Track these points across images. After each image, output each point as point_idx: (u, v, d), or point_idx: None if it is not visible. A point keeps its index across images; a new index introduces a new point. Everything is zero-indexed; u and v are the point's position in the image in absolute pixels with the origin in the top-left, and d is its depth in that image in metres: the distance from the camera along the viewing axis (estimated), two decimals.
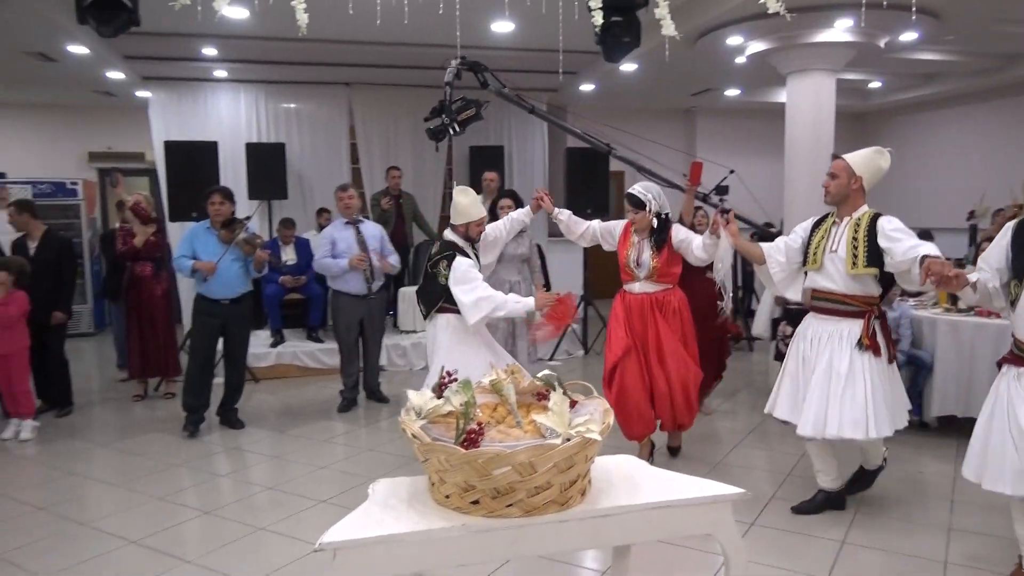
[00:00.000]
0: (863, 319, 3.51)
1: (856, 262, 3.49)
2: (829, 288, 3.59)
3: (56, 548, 3.52)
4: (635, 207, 4.21)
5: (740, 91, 9.89)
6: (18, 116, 10.28)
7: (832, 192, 3.62)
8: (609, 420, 1.95)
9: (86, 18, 4.22)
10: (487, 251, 4.40)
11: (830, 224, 3.67)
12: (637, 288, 4.27)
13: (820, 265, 3.61)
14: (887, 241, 3.40)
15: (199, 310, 5.28)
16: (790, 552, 3.37)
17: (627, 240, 4.31)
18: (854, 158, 3.61)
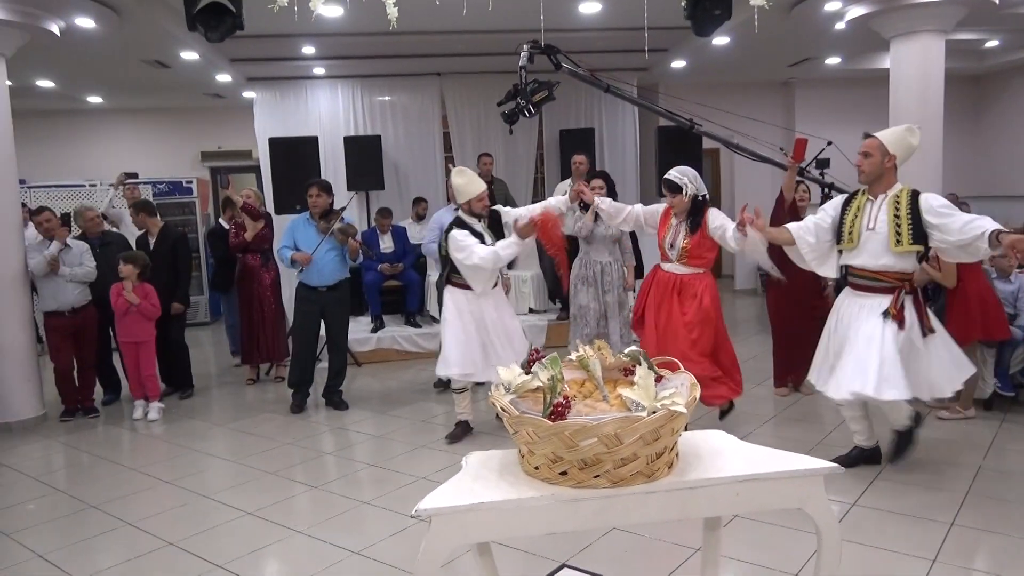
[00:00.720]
0: (893, 295, 3.60)
1: (900, 239, 3.54)
2: (865, 265, 3.66)
3: (182, 518, 3.83)
4: (672, 191, 4.32)
5: (840, 59, 9.44)
6: (138, 120, 11.03)
7: (866, 171, 3.67)
8: (696, 394, 1.96)
9: (195, 25, 4.51)
10: None
11: (863, 201, 3.71)
12: (667, 267, 4.44)
13: (856, 244, 3.66)
14: (937, 218, 3.46)
15: (300, 297, 5.58)
16: (894, 533, 3.26)
17: (667, 222, 4.44)
18: (887, 136, 3.66)
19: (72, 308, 5.67)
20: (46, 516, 3.96)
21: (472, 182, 4.60)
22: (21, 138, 5.82)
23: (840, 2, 6.51)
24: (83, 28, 6.09)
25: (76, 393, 5.84)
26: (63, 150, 10.76)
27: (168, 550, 3.45)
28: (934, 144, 6.30)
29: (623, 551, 3.24)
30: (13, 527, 3.80)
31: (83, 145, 10.89)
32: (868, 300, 3.67)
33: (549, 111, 9.50)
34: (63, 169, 10.54)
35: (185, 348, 6.38)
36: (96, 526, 3.76)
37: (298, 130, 8.96)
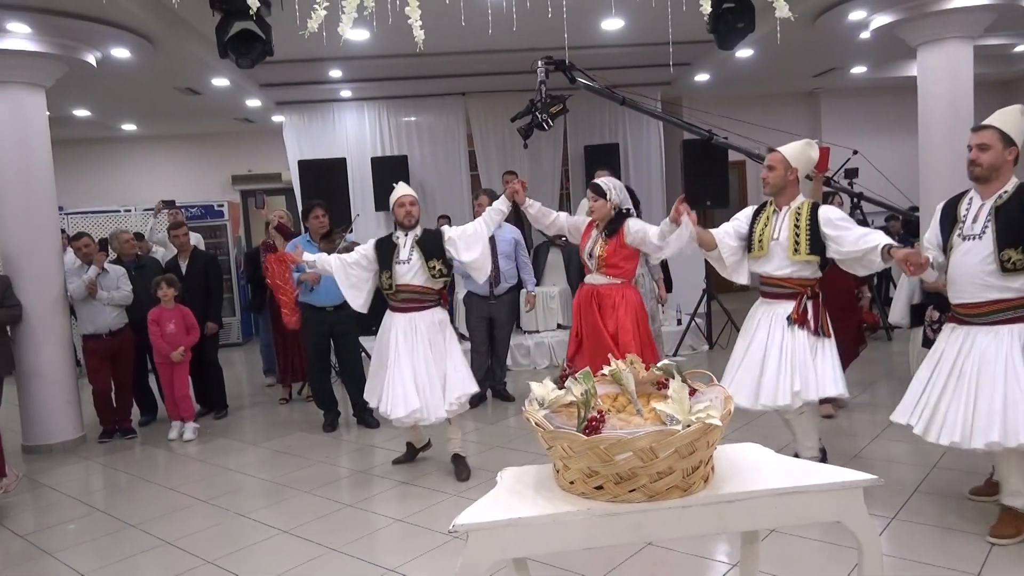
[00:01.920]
0: (796, 300, 3.74)
1: (799, 249, 3.70)
2: (771, 273, 3.81)
3: (219, 536, 3.87)
4: (597, 195, 4.30)
5: (866, 68, 9.38)
6: (171, 146, 11.28)
7: (771, 183, 3.82)
8: (730, 407, 1.95)
9: (226, 52, 4.61)
10: (469, 247, 4.36)
11: (770, 212, 3.86)
12: (587, 280, 4.40)
13: (766, 251, 3.80)
14: (833, 230, 3.62)
15: (307, 318, 5.60)
16: (936, 548, 3.20)
17: (589, 233, 4.41)
18: (788, 151, 3.82)
19: (110, 331, 5.79)
20: (86, 536, 4.03)
21: (396, 190, 4.56)
22: (59, 166, 5.98)
23: (865, 11, 6.48)
24: (118, 58, 6.26)
25: (114, 414, 5.94)
26: (99, 177, 11.03)
27: (206, 568, 3.49)
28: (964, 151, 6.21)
29: (659, 566, 3.21)
30: (55, 547, 3.87)
31: (118, 171, 11.16)
32: (777, 307, 3.81)
33: (573, 127, 9.56)
34: (99, 195, 10.79)
35: (219, 368, 6.47)
36: (135, 545, 3.81)
37: (327, 152, 9.11)
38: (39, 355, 5.62)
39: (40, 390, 5.68)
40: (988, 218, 3.14)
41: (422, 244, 4.37)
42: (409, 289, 4.31)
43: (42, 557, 3.76)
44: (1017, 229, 3.06)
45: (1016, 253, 3.04)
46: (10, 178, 5.55)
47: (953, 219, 3.28)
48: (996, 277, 3.09)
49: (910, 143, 6.62)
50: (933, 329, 5.26)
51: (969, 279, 3.17)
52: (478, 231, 4.39)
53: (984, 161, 3.16)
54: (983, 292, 3.14)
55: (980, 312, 3.17)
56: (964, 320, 3.24)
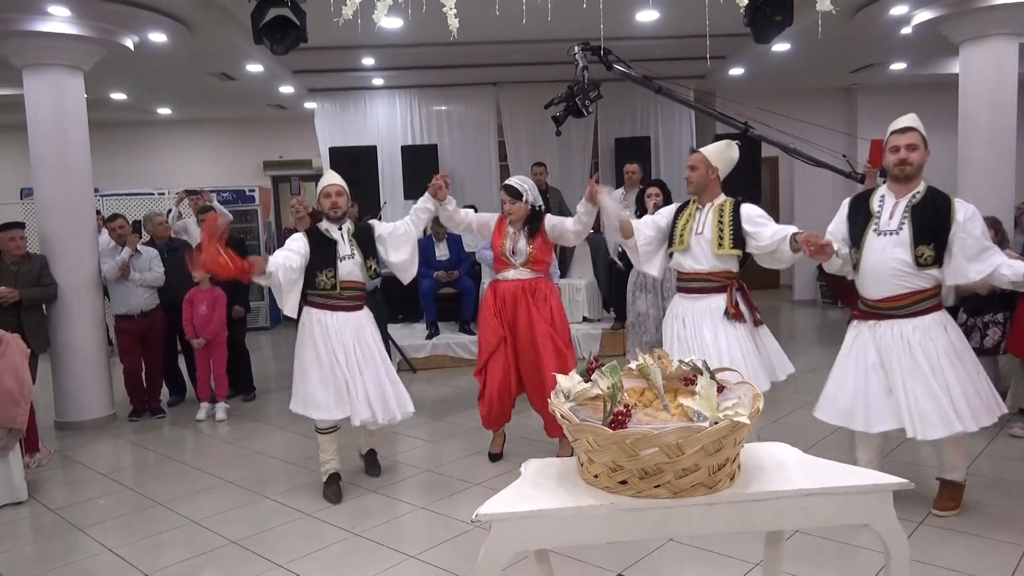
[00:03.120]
0: (726, 292, 3.90)
1: (723, 243, 3.88)
2: (695, 268, 3.96)
3: (244, 517, 3.92)
4: (513, 197, 4.36)
5: (906, 65, 9.19)
6: (204, 131, 11.41)
7: (695, 182, 4.02)
8: (759, 405, 1.93)
9: (261, 38, 4.64)
10: (398, 246, 4.22)
11: (693, 210, 4.05)
12: (511, 275, 4.41)
13: (687, 246, 3.97)
14: (753, 226, 3.84)
15: None
16: (966, 554, 3.14)
17: (502, 231, 4.43)
18: (709, 151, 4.04)
19: (141, 311, 5.88)
20: (115, 512, 4.11)
21: (323, 178, 4.39)
22: (95, 148, 6.07)
23: (907, 6, 6.35)
24: (155, 43, 6.34)
25: (144, 394, 6.05)
26: (134, 160, 11.19)
27: (231, 548, 3.54)
28: (1007, 151, 6.09)
29: (680, 563, 3.20)
30: (84, 521, 3.96)
31: (153, 155, 11.32)
32: (704, 301, 3.95)
33: (604, 119, 9.50)
34: (133, 178, 10.95)
35: (247, 352, 6.55)
36: (162, 523, 3.88)
37: (357, 140, 9.15)
38: (73, 334, 5.73)
39: (73, 368, 5.79)
40: (904, 215, 3.36)
41: (358, 239, 4.18)
42: (353, 286, 4.11)
43: (72, 531, 3.84)
44: (930, 227, 3.31)
45: (928, 249, 3.30)
46: (49, 159, 5.65)
47: (866, 215, 3.47)
48: (911, 271, 3.33)
49: (949, 143, 6.48)
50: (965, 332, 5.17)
51: (885, 273, 3.37)
52: (408, 231, 4.24)
53: (914, 160, 3.36)
54: (898, 285, 3.36)
55: (895, 304, 3.39)
56: (877, 313, 3.44)
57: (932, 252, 3.30)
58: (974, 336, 5.02)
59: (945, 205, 3.33)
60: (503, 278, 4.46)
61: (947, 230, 3.29)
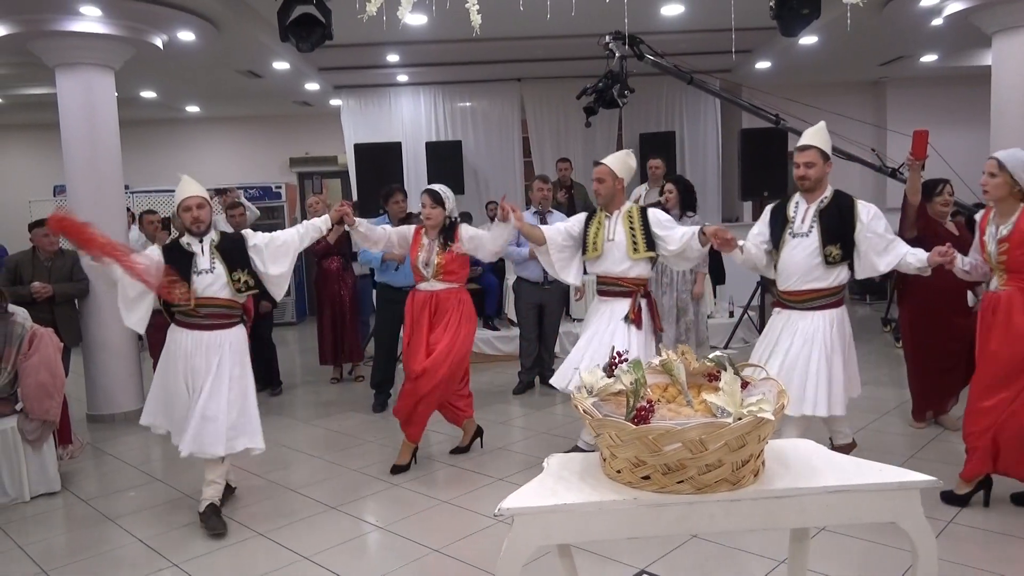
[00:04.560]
0: (631, 298, 4.14)
1: (637, 248, 4.11)
2: (608, 271, 4.19)
3: (270, 510, 3.98)
4: (434, 202, 4.31)
5: (937, 56, 9.02)
6: (231, 128, 11.53)
7: (603, 194, 4.23)
8: (784, 401, 1.92)
9: (287, 36, 4.69)
10: (276, 259, 3.87)
11: (602, 218, 4.25)
12: (423, 287, 4.37)
13: (601, 253, 4.18)
14: (662, 229, 4.11)
15: (384, 298, 5.70)
16: (995, 554, 3.10)
17: (418, 242, 4.39)
18: (613, 162, 4.25)
19: None
20: (145, 503, 4.18)
21: (180, 188, 3.81)
22: (125, 146, 6.17)
23: None
24: (184, 41, 6.42)
25: None
26: (163, 157, 11.34)
27: (257, 540, 3.59)
28: None
29: (703, 560, 3.19)
30: (116, 512, 4.04)
31: (181, 152, 11.46)
32: (612, 304, 4.18)
33: (628, 115, 9.46)
34: (162, 175, 11.08)
35: (273, 347, 6.62)
36: (191, 514, 3.94)
37: (382, 136, 9.20)
38: (104, 329, 5.84)
39: (105, 362, 5.90)
40: (813, 219, 3.73)
41: (223, 251, 3.78)
42: (213, 303, 3.73)
43: (103, 522, 3.92)
44: (837, 229, 3.67)
45: (835, 249, 3.66)
46: (80, 157, 5.76)
47: (784, 220, 3.82)
48: (820, 269, 3.69)
49: (981, 135, 6.36)
50: None
51: (798, 270, 3.72)
52: (288, 243, 3.90)
53: (812, 175, 3.73)
54: (809, 282, 3.71)
55: (805, 299, 3.74)
56: (790, 305, 3.78)
57: (839, 251, 3.66)
58: None
59: (849, 208, 3.71)
60: (418, 289, 4.42)
61: (852, 230, 3.66)
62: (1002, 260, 3.43)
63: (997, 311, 3.45)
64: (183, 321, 3.77)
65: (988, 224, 3.53)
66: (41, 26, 5.47)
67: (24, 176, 11.06)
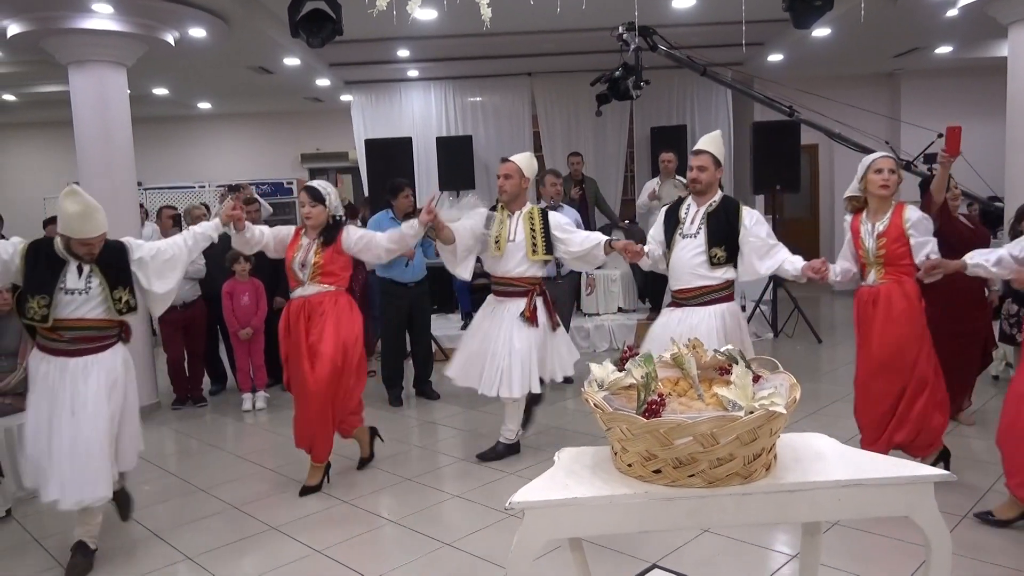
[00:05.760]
0: (527, 297, 4.21)
1: (536, 249, 4.20)
2: (507, 272, 4.25)
3: (283, 504, 4.00)
4: (314, 200, 4.04)
5: (952, 48, 8.93)
6: (243, 125, 11.57)
7: (509, 191, 4.26)
8: (796, 395, 1.90)
9: (298, 32, 4.70)
10: (162, 273, 3.46)
11: (504, 217, 4.28)
12: (298, 293, 4.05)
13: (503, 253, 4.23)
14: (562, 232, 4.22)
15: (389, 293, 5.70)
16: (1008, 549, 3.07)
17: (296, 244, 4.08)
18: (521, 161, 4.29)
19: (184, 303, 6.00)
20: (159, 497, 4.21)
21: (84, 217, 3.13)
22: (138, 142, 6.20)
23: None
24: (195, 38, 6.44)
25: (186, 383, 6.18)
26: (175, 154, 11.41)
27: (270, 534, 3.61)
28: None
29: (715, 554, 3.18)
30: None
31: (193, 149, 11.52)
32: (511, 304, 4.24)
33: (640, 108, 9.42)
34: (175, 172, 11.17)
35: None
36: (204, 508, 3.98)
37: (393, 131, 9.20)
38: None
39: None
40: (701, 222, 3.89)
41: (103, 266, 3.26)
42: (81, 325, 3.22)
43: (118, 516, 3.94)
44: (722, 232, 3.84)
45: (721, 250, 3.83)
46: (93, 154, 5.79)
47: (675, 221, 3.98)
48: (705, 268, 3.86)
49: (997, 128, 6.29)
50: (1010, 323, 5.03)
51: (686, 269, 3.90)
52: (176, 256, 3.49)
53: (703, 180, 3.88)
54: (697, 279, 3.88)
55: (695, 295, 3.90)
56: (683, 303, 3.93)
57: (724, 253, 3.84)
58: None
59: (735, 213, 3.87)
60: (293, 296, 4.07)
61: (736, 234, 3.84)
62: (881, 254, 3.66)
63: (878, 303, 3.66)
64: (43, 343, 3.25)
65: (861, 224, 3.77)
66: (54, 24, 5.50)
67: (38, 173, 11.14)
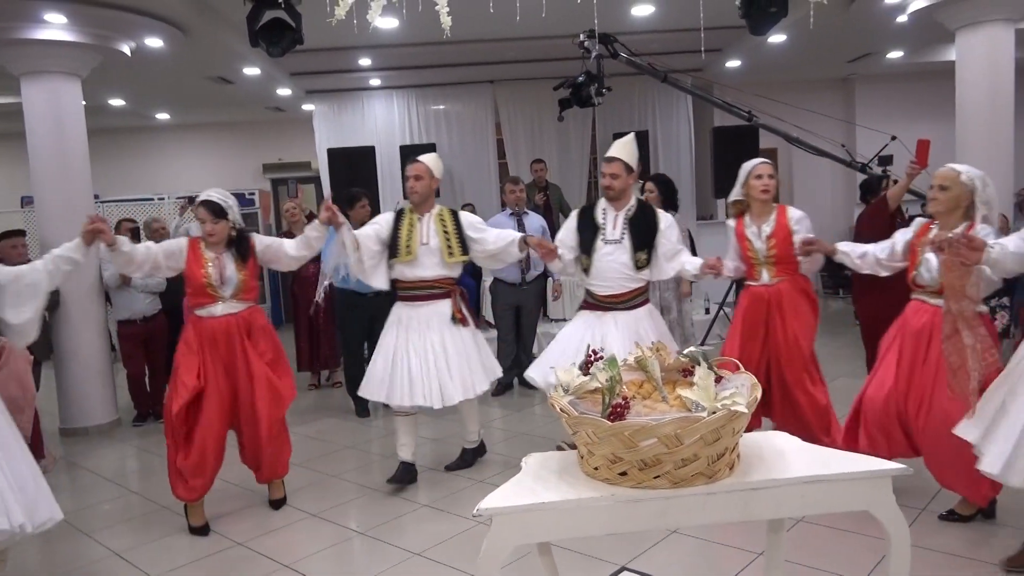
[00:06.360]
0: (450, 299, 4.12)
1: (452, 252, 4.09)
2: (422, 276, 4.08)
3: (248, 519, 3.95)
4: (216, 216, 3.72)
5: (903, 53, 9.17)
6: (202, 135, 11.41)
7: (420, 192, 4.12)
8: (757, 394, 1.94)
9: (257, 41, 4.66)
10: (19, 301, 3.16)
11: (413, 219, 4.13)
12: (220, 310, 3.72)
13: (415, 257, 4.05)
14: (476, 232, 4.15)
15: (348, 304, 5.62)
16: (967, 539, 3.15)
17: (199, 257, 3.73)
18: (429, 161, 4.18)
19: (143, 317, 5.90)
20: (121, 516, 4.13)
21: None
22: (94, 154, 6.07)
23: None
24: (152, 48, 6.35)
25: (148, 399, 6.07)
26: (133, 165, 11.21)
27: (236, 550, 3.56)
28: (1004, 138, 6.07)
29: (683, 555, 3.21)
30: (90, 526, 3.98)
31: (152, 160, 11.33)
32: (427, 307, 4.09)
33: (602, 114, 9.50)
34: (133, 184, 10.97)
35: None
36: (168, 526, 3.90)
37: (356, 140, 9.16)
38: (76, 340, 5.75)
39: (77, 374, 5.81)
40: (624, 227, 3.99)
41: None
42: None
43: (79, 536, 3.86)
44: (644, 237, 3.97)
45: (644, 255, 3.97)
46: (48, 166, 5.66)
47: (594, 227, 4.04)
48: (632, 272, 3.98)
49: (947, 130, 6.47)
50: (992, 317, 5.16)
51: (613, 274, 3.98)
52: (36, 282, 3.22)
53: (616, 186, 4.00)
54: (625, 284, 3.99)
55: (620, 300, 4.01)
56: (610, 307, 4.02)
57: (646, 256, 3.98)
58: None
59: (653, 217, 4.03)
60: (209, 314, 3.73)
61: (654, 238, 3.98)
62: (772, 254, 3.85)
63: (782, 301, 3.86)
64: None
65: (745, 227, 3.97)
66: (5, 34, 5.38)
67: None
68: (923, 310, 3.33)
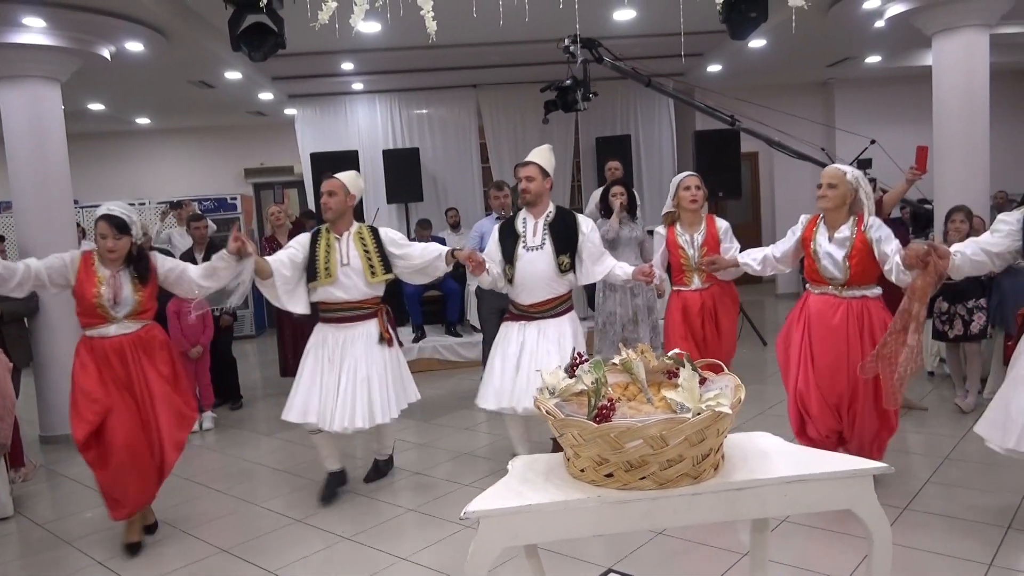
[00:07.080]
0: (376, 319, 4.04)
1: (375, 272, 3.99)
2: (344, 298, 3.98)
3: (233, 525, 3.92)
4: (120, 231, 3.49)
5: (881, 58, 9.30)
6: (184, 140, 11.34)
7: (334, 208, 3.99)
8: (740, 395, 1.96)
9: (239, 45, 4.63)
10: None
11: (330, 239, 4.02)
12: (112, 331, 3.52)
13: (335, 279, 3.94)
14: (398, 248, 4.07)
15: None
16: (948, 537, 3.19)
17: (92, 276, 3.50)
18: (345, 177, 4.06)
19: None
20: (104, 524, 4.07)
21: None
22: (74, 159, 6.02)
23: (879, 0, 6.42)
24: (132, 52, 6.30)
25: None
26: (113, 170, 11.11)
27: (221, 556, 3.53)
28: (980, 141, 6.17)
29: (669, 555, 3.23)
30: (72, 535, 3.93)
31: (132, 165, 11.24)
32: (354, 330, 4.00)
33: (585, 119, 9.54)
34: (114, 189, 10.86)
35: (233, 361, 6.52)
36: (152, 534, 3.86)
37: (338, 145, 9.13)
38: (55, 347, 5.68)
39: (57, 382, 5.73)
40: (544, 233, 4.00)
41: None
42: None
43: (60, 545, 3.81)
44: (565, 240, 3.98)
45: (566, 258, 3.97)
46: (26, 171, 5.60)
47: (514, 236, 4.04)
48: (556, 277, 3.99)
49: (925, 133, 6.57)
50: (942, 320, 5.23)
51: (537, 281, 3.98)
52: None
53: (532, 189, 3.99)
54: (547, 291, 4.00)
55: (545, 308, 4.03)
56: (529, 316, 4.03)
57: (568, 260, 3.99)
58: (956, 323, 5.08)
59: (572, 221, 4.03)
60: (100, 335, 3.51)
61: (576, 241, 3.99)
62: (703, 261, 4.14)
63: (715, 304, 4.22)
64: None
65: (677, 236, 4.25)
66: None
67: None
68: (834, 304, 3.55)
